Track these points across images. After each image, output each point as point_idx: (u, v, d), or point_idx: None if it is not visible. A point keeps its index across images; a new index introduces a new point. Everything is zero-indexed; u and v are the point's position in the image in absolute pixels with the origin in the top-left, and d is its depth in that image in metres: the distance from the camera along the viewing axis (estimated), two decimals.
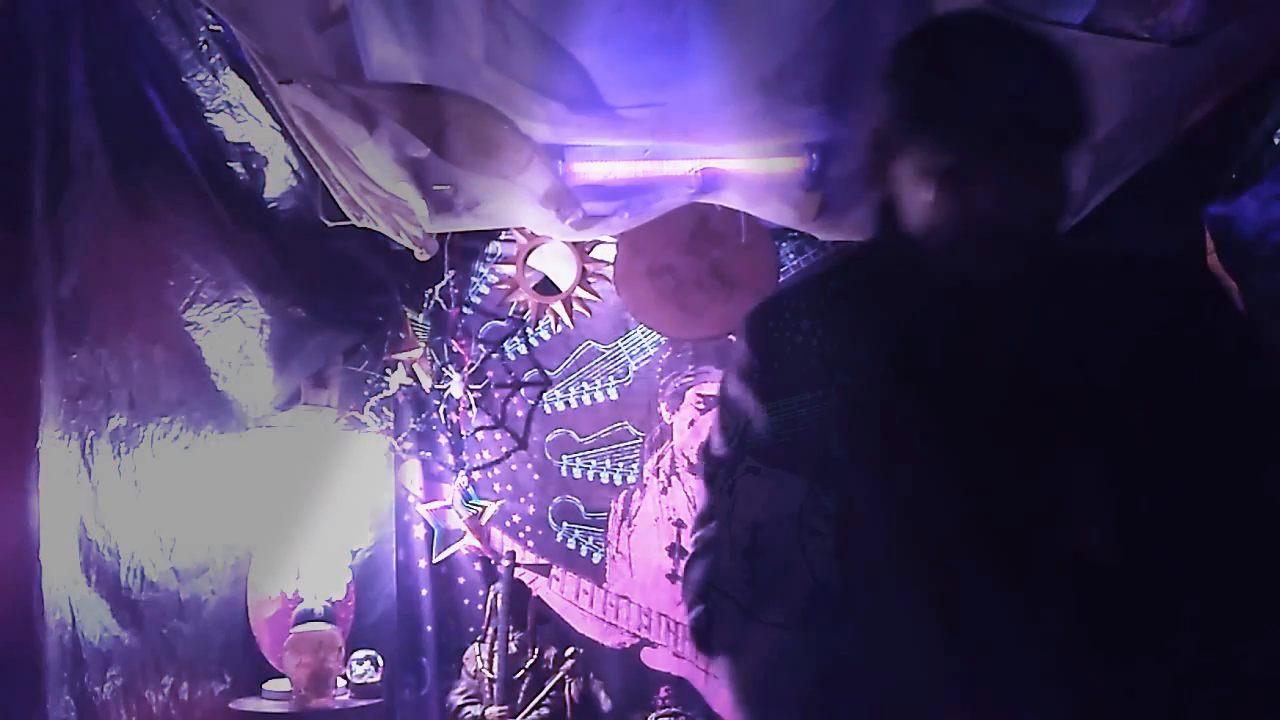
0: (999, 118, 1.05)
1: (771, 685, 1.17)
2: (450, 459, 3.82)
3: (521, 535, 3.81)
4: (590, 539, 3.80)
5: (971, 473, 1.10)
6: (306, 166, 2.88)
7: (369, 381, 3.77)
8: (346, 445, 3.56)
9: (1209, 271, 1.15)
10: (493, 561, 3.69)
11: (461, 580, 3.79)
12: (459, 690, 3.47)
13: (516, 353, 3.88)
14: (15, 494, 2.06)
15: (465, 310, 3.85)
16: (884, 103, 1.13)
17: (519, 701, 3.33)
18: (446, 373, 3.79)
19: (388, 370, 3.76)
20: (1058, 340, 1.10)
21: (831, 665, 1.15)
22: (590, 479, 3.82)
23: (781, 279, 3.66)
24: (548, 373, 3.85)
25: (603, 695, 3.52)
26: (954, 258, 1.11)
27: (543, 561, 3.75)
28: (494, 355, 3.86)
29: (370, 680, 3.41)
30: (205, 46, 2.62)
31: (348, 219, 2.98)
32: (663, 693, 3.65)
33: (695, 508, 3.69)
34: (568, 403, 3.86)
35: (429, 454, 3.83)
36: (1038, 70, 1.09)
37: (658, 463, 3.79)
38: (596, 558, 3.79)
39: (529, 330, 3.84)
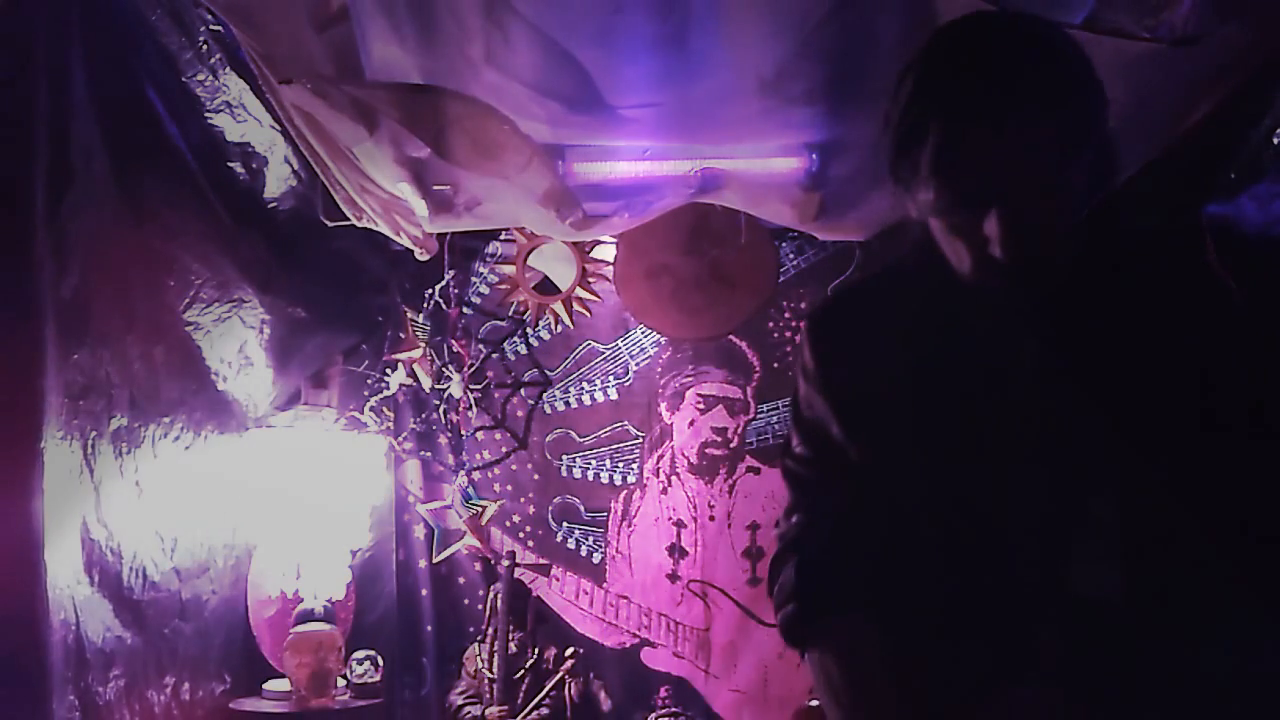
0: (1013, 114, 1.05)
1: (855, 674, 1.21)
2: (450, 459, 3.82)
3: (521, 535, 3.81)
4: (590, 539, 3.80)
5: (1013, 473, 1.13)
6: (306, 166, 2.88)
7: (369, 381, 3.77)
8: (346, 445, 3.56)
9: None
10: (493, 561, 3.69)
11: (461, 580, 3.80)
12: (459, 690, 3.47)
13: (516, 353, 3.88)
14: (20, 495, 2.06)
15: (465, 310, 3.85)
16: (919, 96, 1.11)
17: (519, 701, 3.33)
18: (446, 373, 3.78)
19: (388, 370, 3.76)
20: (1096, 332, 1.11)
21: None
22: (590, 479, 3.82)
23: (782, 279, 3.68)
24: (548, 373, 3.86)
25: (603, 695, 3.52)
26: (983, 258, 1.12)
27: (543, 561, 3.75)
28: (494, 355, 3.86)
29: (370, 680, 3.41)
30: (205, 46, 2.62)
31: (348, 219, 2.98)
32: (663, 693, 3.66)
33: (695, 507, 3.71)
34: (568, 403, 3.86)
35: (429, 454, 3.84)
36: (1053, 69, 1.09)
37: (658, 463, 3.80)
38: (596, 558, 3.79)
39: (529, 330, 3.85)
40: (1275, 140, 2.17)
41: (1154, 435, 1.07)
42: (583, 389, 3.85)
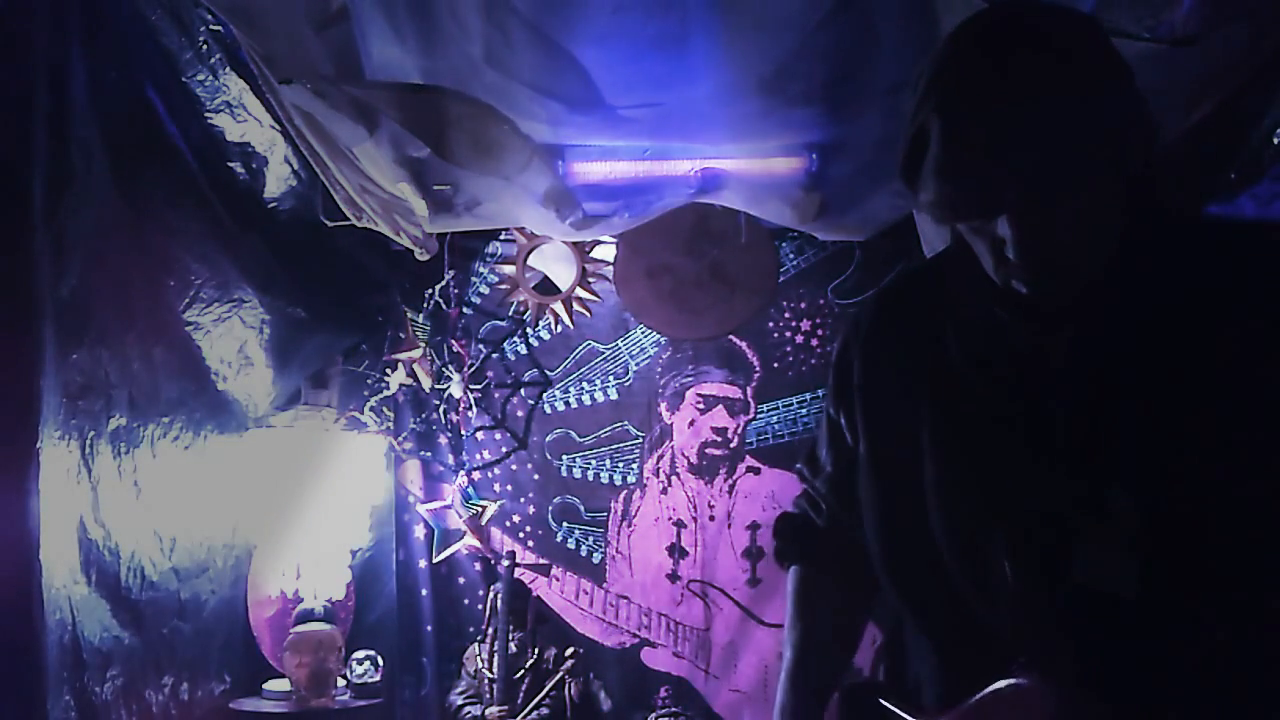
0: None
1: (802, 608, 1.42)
2: (450, 459, 3.82)
3: (521, 535, 3.81)
4: (590, 539, 3.80)
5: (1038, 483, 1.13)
6: (306, 166, 2.88)
7: (369, 381, 3.78)
8: (346, 445, 3.56)
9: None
10: (493, 561, 3.70)
11: (461, 580, 3.80)
12: (459, 690, 3.47)
13: (516, 353, 3.88)
14: (16, 494, 2.06)
15: (465, 310, 3.85)
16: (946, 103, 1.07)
17: (519, 701, 3.33)
18: (446, 373, 3.79)
19: (388, 370, 3.77)
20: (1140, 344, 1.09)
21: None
22: (590, 479, 3.82)
23: (782, 279, 3.68)
24: (548, 373, 3.86)
25: (603, 695, 3.52)
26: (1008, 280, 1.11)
27: (543, 561, 3.75)
28: (494, 355, 3.86)
29: (370, 680, 3.42)
30: (205, 46, 2.62)
31: (348, 219, 2.98)
32: (663, 693, 3.66)
33: (695, 507, 3.71)
34: (568, 403, 3.86)
35: (429, 454, 3.84)
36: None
37: (658, 463, 3.80)
38: (596, 558, 3.79)
39: (529, 330, 3.85)
40: (1275, 140, 2.17)
41: (1176, 435, 1.06)
42: (583, 389, 3.85)
